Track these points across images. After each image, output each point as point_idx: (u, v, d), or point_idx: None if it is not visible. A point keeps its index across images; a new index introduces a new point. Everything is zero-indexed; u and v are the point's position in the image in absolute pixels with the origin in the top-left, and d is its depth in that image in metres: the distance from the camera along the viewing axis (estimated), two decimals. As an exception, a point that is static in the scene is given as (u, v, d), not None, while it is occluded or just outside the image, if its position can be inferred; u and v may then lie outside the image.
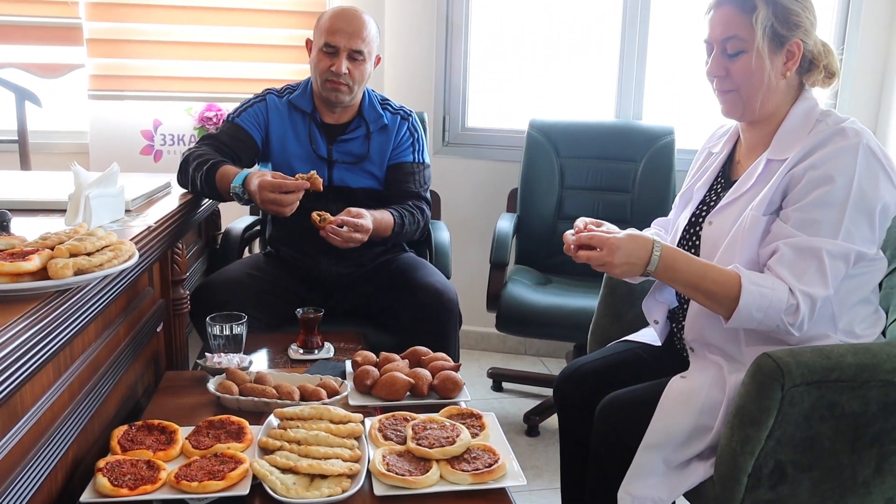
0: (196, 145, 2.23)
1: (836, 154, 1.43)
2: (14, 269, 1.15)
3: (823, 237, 1.42)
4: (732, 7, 1.50)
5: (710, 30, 1.55)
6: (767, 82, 1.51)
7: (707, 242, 1.60)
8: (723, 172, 1.69)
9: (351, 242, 1.99)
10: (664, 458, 1.52)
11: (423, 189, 2.35)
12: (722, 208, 1.59)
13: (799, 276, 1.41)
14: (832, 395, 1.37)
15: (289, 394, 1.58)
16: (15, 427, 1.12)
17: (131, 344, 1.64)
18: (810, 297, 1.41)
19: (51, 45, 3.21)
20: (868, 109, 3.21)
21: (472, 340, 3.56)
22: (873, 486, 1.44)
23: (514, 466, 1.35)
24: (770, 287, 1.41)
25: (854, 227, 1.42)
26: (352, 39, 2.16)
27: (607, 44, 3.36)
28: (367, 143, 2.28)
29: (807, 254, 1.42)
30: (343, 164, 2.26)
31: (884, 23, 3.14)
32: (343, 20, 2.19)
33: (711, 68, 1.55)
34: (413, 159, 2.33)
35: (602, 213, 3.04)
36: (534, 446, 2.73)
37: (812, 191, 1.43)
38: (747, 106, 1.55)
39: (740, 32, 1.49)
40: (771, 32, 1.48)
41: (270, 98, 2.30)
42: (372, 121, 2.29)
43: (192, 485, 1.25)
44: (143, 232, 1.63)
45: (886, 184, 1.44)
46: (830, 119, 1.50)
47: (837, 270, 1.43)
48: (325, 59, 2.18)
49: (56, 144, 3.30)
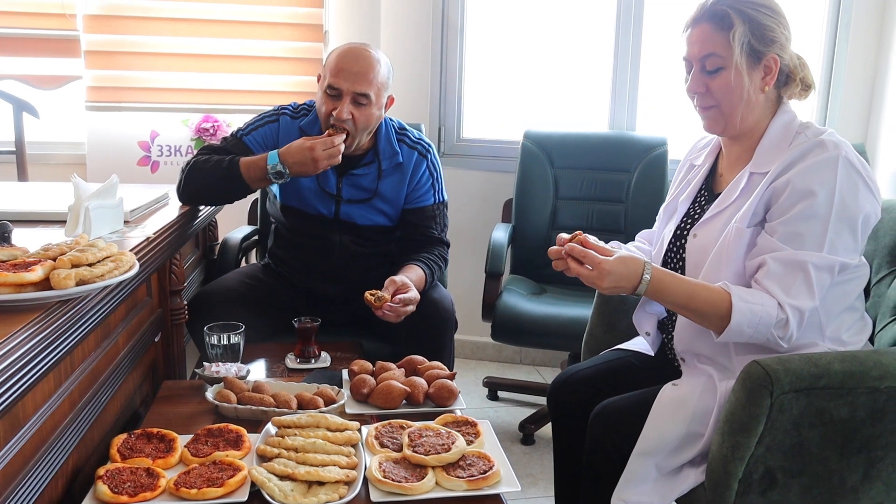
0: (197, 155, 2.16)
1: (816, 167, 1.46)
2: (17, 280, 1.17)
3: (809, 250, 1.44)
4: (710, 25, 1.53)
5: (689, 47, 1.58)
6: (747, 98, 1.54)
7: (692, 255, 1.62)
8: (706, 185, 1.71)
9: (403, 316, 1.95)
10: (656, 464, 1.54)
11: (444, 232, 2.29)
12: (706, 221, 1.61)
13: (787, 290, 1.44)
14: (820, 401, 1.40)
15: (286, 402, 1.60)
16: (17, 435, 1.13)
17: (130, 353, 1.65)
18: (798, 309, 1.44)
19: (48, 57, 3.23)
20: (858, 120, 3.25)
21: (467, 350, 3.58)
22: (861, 491, 1.46)
23: (508, 473, 1.37)
24: (760, 303, 1.43)
25: (837, 238, 1.45)
26: (356, 82, 2.02)
27: (601, 55, 3.39)
28: (378, 181, 2.19)
29: (794, 267, 1.44)
30: (352, 203, 2.19)
31: (873, 33, 3.18)
32: (349, 61, 2.04)
33: (691, 85, 1.58)
34: (434, 201, 2.26)
35: (596, 222, 3.07)
36: (529, 455, 2.74)
37: (795, 204, 1.46)
38: (729, 121, 1.57)
39: (718, 50, 1.52)
40: (748, 48, 1.51)
41: (284, 119, 2.20)
42: (386, 157, 2.19)
43: (192, 492, 1.26)
44: (143, 243, 1.65)
45: (866, 194, 1.47)
46: (810, 131, 1.53)
47: (823, 281, 1.46)
48: (328, 103, 2.05)
49: (53, 156, 3.32)
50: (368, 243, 2.25)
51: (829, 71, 3.24)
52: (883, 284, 1.70)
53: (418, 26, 3.38)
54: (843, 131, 3.21)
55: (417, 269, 2.11)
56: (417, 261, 2.15)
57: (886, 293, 1.67)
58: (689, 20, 1.58)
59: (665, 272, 1.51)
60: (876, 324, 1.67)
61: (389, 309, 1.90)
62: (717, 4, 1.53)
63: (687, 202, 1.71)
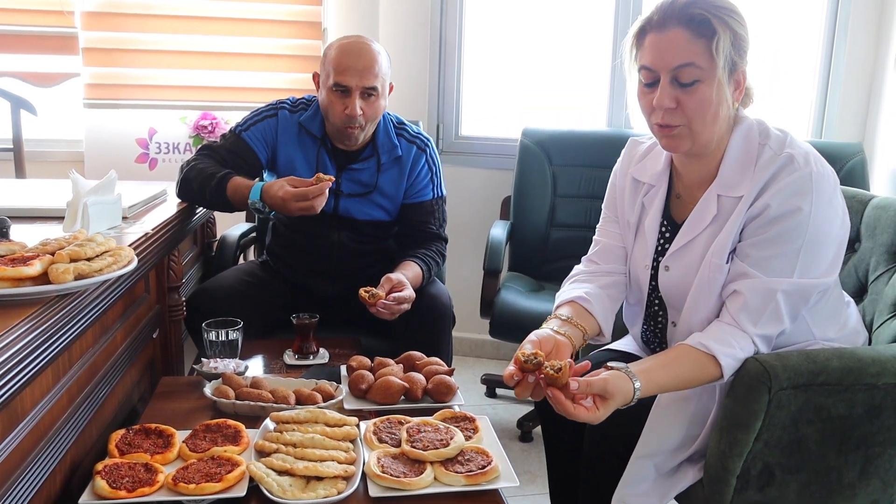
0: (194, 157, 2.16)
1: (789, 189, 1.38)
2: (16, 274, 1.17)
3: (780, 276, 1.39)
4: (686, 31, 1.34)
5: (654, 55, 1.38)
6: (721, 114, 1.40)
7: (668, 289, 1.56)
8: (665, 211, 1.59)
9: (398, 313, 1.96)
10: (655, 464, 1.53)
11: (442, 228, 2.30)
12: (678, 252, 1.52)
13: (755, 321, 1.40)
14: (818, 398, 1.40)
15: (284, 398, 1.60)
16: (15, 430, 1.13)
17: (128, 349, 1.65)
18: (765, 338, 1.42)
19: (46, 55, 3.23)
20: (855, 118, 3.25)
21: (465, 347, 3.58)
22: (859, 488, 1.46)
23: (507, 468, 1.37)
24: (740, 347, 1.40)
25: (811, 261, 1.40)
26: (364, 78, 2.04)
27: (599, 52, 3.40)
28: (378, 175, 2.20)
29: (763, 297, 1.40)
30: (351, 197, 2.20)
31: (871, 31, 3.18)
32: (352, 56, 2.05)
33: (660, 100, 1.37)
34: (433, 196, 2.26)
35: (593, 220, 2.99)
36: (527, 452, 2.75)
37: (769, 228, 1.40)
38: (696, 141, 1.41)
39: (697, 60, 1.34)
40: (729, 60, 1.35)
41: (282, 114, 2.20)
42: (385, 151, 2.20)
43: (190, 487, 1.26)
44: (141, 238, 1.65)
45: (835, 209, 1.42)
46: (773, 142, 1.44)
47: (795, 306, 1.42)
48: (337, 102, 2.06)
49: (51, 153, 3.32)
50: (367, 239, 2.25)
51: (828, 69, 3.24)
52: (880, 282, 1.70)
53: (417, 23, 3.38)
54: (841, 129, 3.23)
55: (414, 266, 2.11)
56: (414, 257, 2.15)
57: (884, 290, 1.68)
58: (649, 22, 1.40)
59: (646, 371, 1.36)
60: (874, 321, 1.68)
61: (383, 306, 1.91)
62: (693, 8, 1.34)
63: (654, 231, 1.58)
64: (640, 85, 1.44)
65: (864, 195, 1.81)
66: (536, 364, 1.29)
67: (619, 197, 1.68)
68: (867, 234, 1.75)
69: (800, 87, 3.35)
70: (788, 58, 3.38)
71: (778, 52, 3.38)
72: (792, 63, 3.38)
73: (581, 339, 1.52)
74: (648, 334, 1.70)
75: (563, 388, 1.27)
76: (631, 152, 1.68)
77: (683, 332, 1.52)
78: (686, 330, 1.51)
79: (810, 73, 3.28)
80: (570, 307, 1.58)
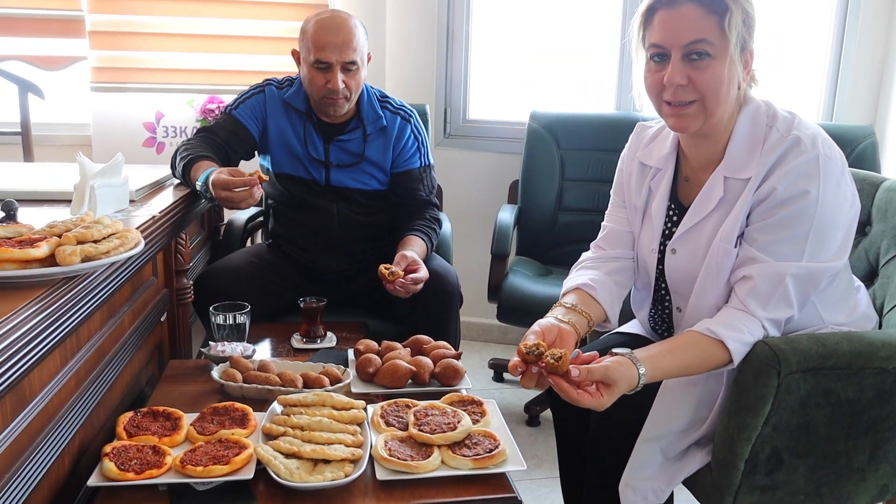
0: (189, 138, 2.20)
1: (796, 172, 1.37)
2: (23, 256, 1.17)
3: (788, 260, 1.38)
4: (697, 6, 1.34)
5: (664, 32, 1.37)
6: (732, 93, 1.40)
7: (674, 273, 1.55)
8: (672, 195, 1.58)
9: (412, 293, 1.98)
10: (662, 448, 1.52)
11: (432, 194, 2.34)
12: (684, 235, 1.52)
13: (765, 305, 1.39)
14: (828, 382, 1.39)
15: (292, 381, 1.60)
16: (23, 412, 1.13)
17: (136, 332, 1.66)
18: (775, 321, 1.41)
19: (53, 38, 3.23)
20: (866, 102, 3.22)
21: (473, 332, 3.58)
22: (868, 472, 1.46)
23: (514, 452, 1.37)
24: (749, 332, 1.39)
25: (819, 245, 1.39)
26: (343, 52, 2.07)
27: (608, 35, 3.37)
28: (364, 144, 2.24)
29: (772, 281, 1.39)
30: (340, 168, 2.24)
31: (882, 15, 3.15)
32: (330, 32, 2.07)
33: (671, 76, 1.37)
34: (420, 164, 2.30)
35: (602, 204, 3.01)
36: (535, 436, 2.75)
37: (776, 212, 1.39)
38: (709, 118, 1.41)
39: (709, 35, 1.34)
40: (740, 37, 1.35)
41: (269, 90, 2.26)
42: (370, 122, 2.24)
43: (198, 469, 1.26)
44: (148, 221, 1.65)
45: (844, 191, 1.41)
46: (780, 124, 1.42)
47: (804, 290, 1.41)
48: (318, 76, 2.10)
49: (59, 136, 3.32)
50: (365, 210, 2.28)
51: (839, 53, 3.20)
52: (892, 265, 1.69)
53: (424, 6, 3.36)
54: (852, 114, 3.20)
55: (419, 241, 2.16)
56: (415, 230, 2.19)
57: (895, 274, 1.66)
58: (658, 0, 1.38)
59: (652, 357, 1.34)
60: (885, 304, 1.66)
61: (401, 285, 1.94)
62: None
63: (660, 215, 1.58)
64: (649, 63, 1.43)
65: (875, 178, 1.79)
66: (538, 355, 1.30)
67: (626, 182, 1.67)
68: (878, 217, 1.73)
69: (811, 70, 3.32)
70: (800, 40, 3.34)
71: (789, 35, 3.35)
72: (803, 45, 3.35)
73: (586, 327, 1.52)
74: (656, 319, 1.70)
75: (565, 375, 1.27)
76: (639, 137, 1.67)
77: (691, 317, 1.51)
78: (693, 315, 1.50)
79: (821, 55, 3.25)
80: (575, 294, 1.58)
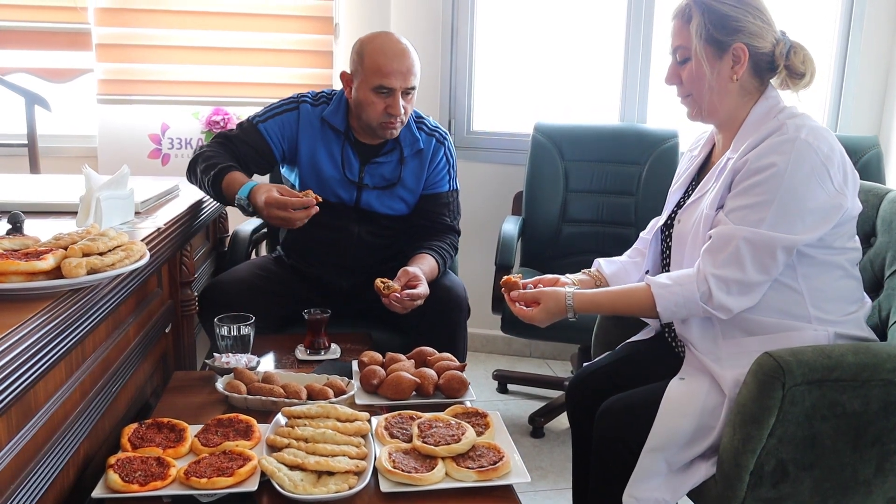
0: (208, 144, 2.17)
1: (770, 147, 1.49)
2: (29, 269, 1.18)
3: (747, 226, 1.48)
4: (678, 20, 1.62)
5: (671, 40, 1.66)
6: (716, 86, 1.59)
7: (676, 240, 1.70)
8: (697, 174, 1.76)
9: (409, 308, 1.98)
10: (667, 459, 1.53)
11: (456, 220, 2.33)
12: (688, 206, 1.68)
13: (714, 262, 1.51)
14: (833, 394, 1.39)
15: (296, 393, 1.60)
16: (28, 423, 1.14)
17: (141, 344, 1.66)
18: (722, 279, 1.49)
19: (60, 51, 3.25)
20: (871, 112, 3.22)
21: (477, 343, 3.58)
22: (874, 485, 1.45)
23: (518, 464, 1.37)
24: (678, 284, 1.53)
25: (782, 218, 1.47)
26: (407, 79, 2.09)
27: (612, 47, 3.38)
28: (401, 167, 2.22)
29: (724, 239, 1.50)
30: (374, 190, 2.21)
31: (887, 24, 3.15)
32: (395, 60, 2.07)
33: (667, 77, 1.67)
34: (449, 188, 2.29)
35: (606, 215, 3.06)
36: (539, 448, 2.74)
37: (744, 181, 1.50)
38: (702, 108, 1.63)
39: (683, 42, 1.60)
40: (707, 38, 1.56)
41: (304, 108, 2.19)
42: (407, 144, 2.22)
43: (202, 481, 1.27)
44: (153, 233, 1.65)
45: (822, 179, 1.47)
46: (782, 115, 1.55)
47: (758, 257, 1.48)
48: (380, 102, 2.08)
49: (65, 148, 3.33)
50: (386, 233, 2.26)
51: (843, 62, 3.21)
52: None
53: (429, 17, 3.38)
54: (857, 123, 3.20)
55: (430, 260, 2.13)
56: (430, 249, 2.16)
57: (900, 286, 1.66)
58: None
59: (584, 292, 1.66)
60: (889, 316, 1.66)
61: (397, 300, 1.93)
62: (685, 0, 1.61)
63: (680, 191, 1.77)
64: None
65: (880, 189, 1.79)
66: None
67: (676, 176, 1.85)
68: (883, 229, 1.73)
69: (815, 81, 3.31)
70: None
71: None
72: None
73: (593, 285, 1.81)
74: None
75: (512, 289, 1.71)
76: (698, 138, 1.85)
77: None
78: None
79: (826, 66, 3.25)
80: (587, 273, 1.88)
